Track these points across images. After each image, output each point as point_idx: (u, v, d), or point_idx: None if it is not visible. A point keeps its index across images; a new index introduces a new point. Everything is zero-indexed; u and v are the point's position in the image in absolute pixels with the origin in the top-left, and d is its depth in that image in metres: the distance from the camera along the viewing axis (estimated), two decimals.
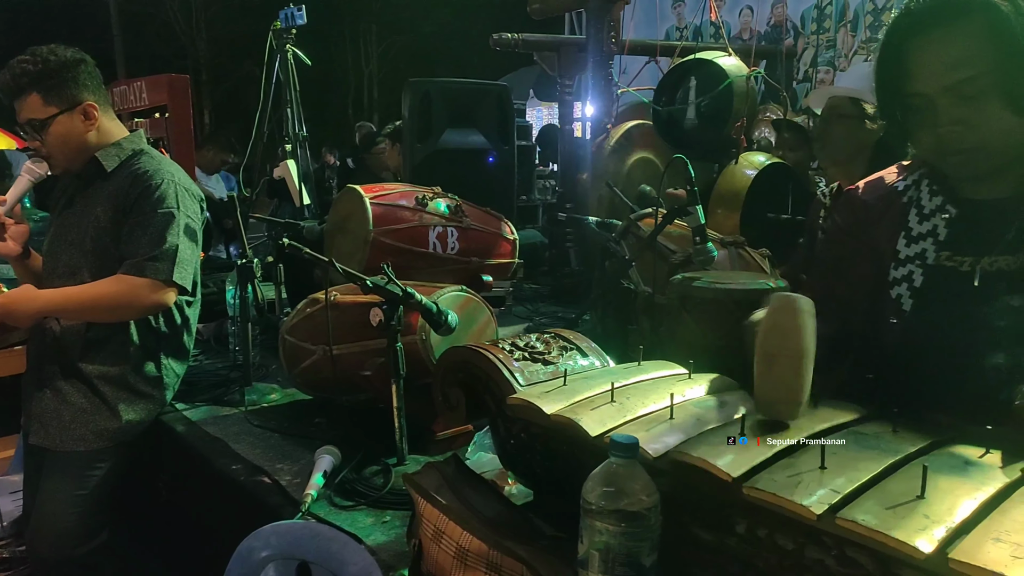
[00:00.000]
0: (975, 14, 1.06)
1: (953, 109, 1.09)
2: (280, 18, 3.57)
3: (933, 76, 1.10)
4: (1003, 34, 1.04)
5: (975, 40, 1.06)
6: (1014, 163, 1.15)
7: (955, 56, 1.08)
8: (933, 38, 1.10)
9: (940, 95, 1.10)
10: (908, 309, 1.22)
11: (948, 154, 1.14)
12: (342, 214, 2.65)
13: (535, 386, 1.23)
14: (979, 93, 1.07)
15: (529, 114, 9.94)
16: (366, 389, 1.92)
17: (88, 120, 2.06)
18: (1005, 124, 1.08)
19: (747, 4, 6.87)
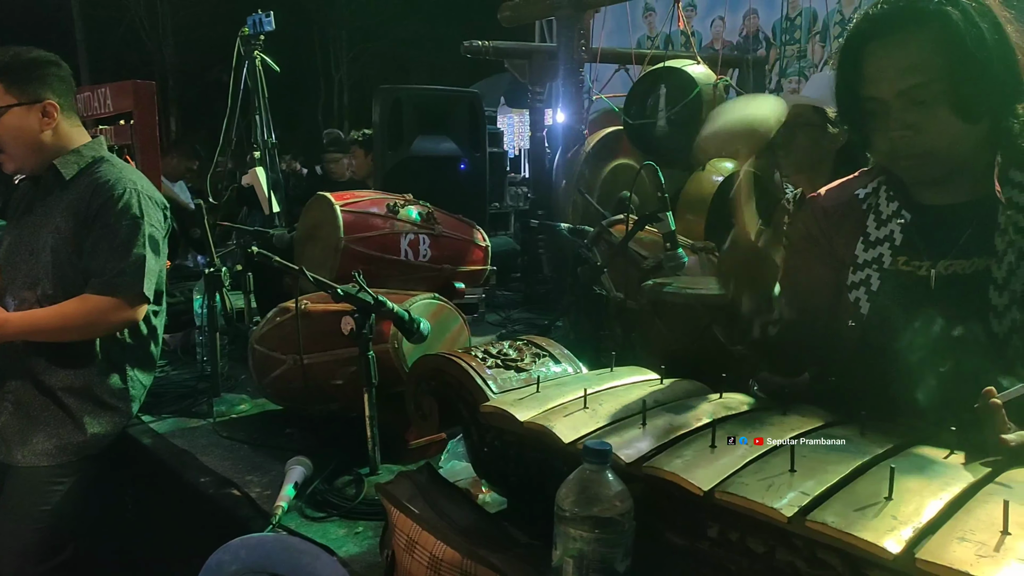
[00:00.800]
0: (929, 22, 1.09)
1: (905, 114, 1.12)
2: (248, 24, 3.53)
3: (887, 80, 1.13)
4: (953, 43, 1.07)
5: (928, 47, 1.10)
6: (966, 169, 1.18)
7: (908, 62, 1.11)
8: (889, 43, 1.13)
9: (894, 99, 1.13)
10: (866, 312, 1.24)
11: (900, 158, 1.17)
12: (312, 222, 2.63)
13: (508, 393, 1.23)
14: (930, 99, 1.10)
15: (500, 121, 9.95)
16: (338, 398, 1.90)
17: (46, 119, 2.02)
18: (954, 130, 1.11)
19: (719, 15, 6.97)
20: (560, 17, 4.47)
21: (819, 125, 2.30)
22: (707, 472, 0.90)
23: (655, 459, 0.96)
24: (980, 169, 1.17)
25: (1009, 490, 0.81)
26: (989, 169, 1.17)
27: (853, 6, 6.05)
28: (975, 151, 1.15)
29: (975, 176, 1.18)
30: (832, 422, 1.06)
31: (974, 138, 1.13)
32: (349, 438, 1.77)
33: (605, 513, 0.85)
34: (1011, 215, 1.13)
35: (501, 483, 1.26)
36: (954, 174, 1.18)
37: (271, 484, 1.66)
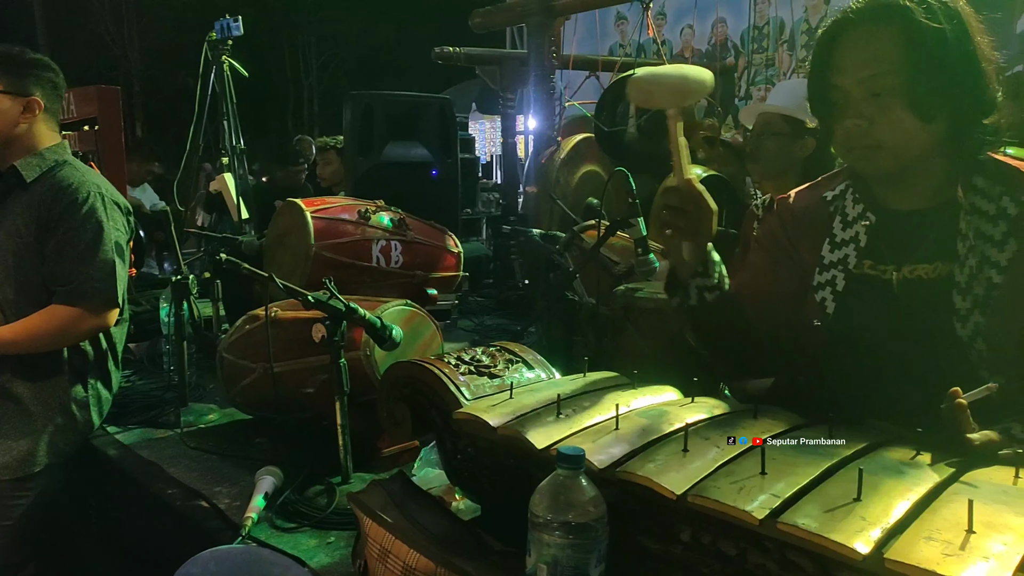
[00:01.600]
0: (895, 19, 1.13)
1: (862, 104, 1.16)
2: (216, 29, 3.50)
3: (850, 69, 1.17)
4: (914, 40, 1.11)
5: (892, 42, 1.13)
6: (928, 174, 1.20)
7: (871, 53, 1.15)
8: (857, 35, 1.17)
9: (853, 87, 1.17)
10: (831, 312, 1.26)
11: (852, 148, 1.20)
12: (282, 228, 2.60)
13: (481, 400, 1.22)
14: (886, 91, 1.14)
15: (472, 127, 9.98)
16: (309, 407, 1.88)
17: (27, 113, 2.02)
18: (907, 126, 1.14)
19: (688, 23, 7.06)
20: (530, 24, 4.49)
21: (787, 134, 2.34)
22: (679, 476, 0.90)
23: (628, 464, 0.96)
24: (943, 175, 1.20)
25: (974, 489, 0.83)
26: (952, 175, 1.19)
27: (819, 14, 6.17)
28: (933, 153, 1.18)
29: (938, 181, 1.20)
30: (801, 424, 1.07)
31: (928, 138, 1.15)
32: (320, 447, 1.75)
33: (579, 519, 0.85)
34: (972, 220, 1.15)
35: (475, 490, 1.25)
36: (915, 177, 1.21)
37: (240, 495, 1.64)
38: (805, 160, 2.35)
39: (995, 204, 1.15)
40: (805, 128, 2.32)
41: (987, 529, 0.74)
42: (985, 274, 1.13)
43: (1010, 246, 1.12)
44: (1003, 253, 1.12)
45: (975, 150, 1.19)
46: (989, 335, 1.11)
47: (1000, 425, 1.00)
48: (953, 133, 1.17)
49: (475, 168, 7.00)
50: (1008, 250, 1.12)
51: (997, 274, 1.12)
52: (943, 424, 0.96)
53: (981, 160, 1.19)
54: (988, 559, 0.69)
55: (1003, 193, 1.14)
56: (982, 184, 1.17)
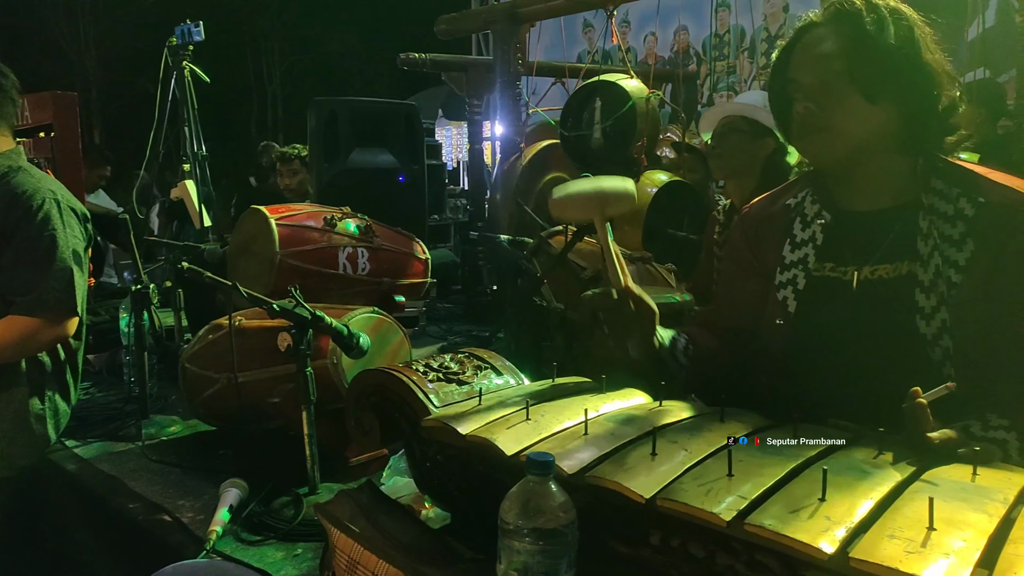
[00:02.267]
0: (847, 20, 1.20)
1: (812, 91, 1.22)
2: (176, 34, 3.45)
3: (804, 63, 1.25)
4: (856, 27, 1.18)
5: (842, 38, 1.20)
6: (882, 172, 1.23)
7: (822, 47, 1.23)
8: (813, 36, 1.25)
9: (806, 77, 1.24)
10: (793, 311, 1.29)
11: (804, 135, 1.26)
12: (246, 236, 2.57)
13: (450, 407, 1.22)
14: (832, 77, 1.20)
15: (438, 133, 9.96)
16: (275, 417, 1.86)
17: None
18: (856, 109, 1.19)
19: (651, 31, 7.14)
20: (496, 31, 4.50)
21: (747, 132, 2.42)
22: (649, 480, 0.91)
23: (597, 468, 0.96)
24: (900, 176, 1.23)
25: (934, 487, 0.85)
26: (909, 177, 1.23)
27: (778, 23, 6.31)
28: (886, 149, 1.22)
29: (895, 183, 1.24)
30: (767, 426, 1.08)
31: (875, 125, 1.20)
32: (287, 457, 1.73)
33: (549, 524, 0.85)
34: (932, 220, 1.18)
35: (444, 498, 1.25)
36: (871, 177, 1.25)
37: (204, 508, 1.61)
38: (764, 161, 2.41)
39: (953, 205, 1.18)
40: (764, 129, 2.39)
41: (947, 526, 0.75)
42: (945, 273, 1.16)
43: (968, 246, 1.15)
44: (961, 253, 1.15)
45: (932, 153, 1.22)
46: (954, 332, 1.14)
47: (959, 423, 1.02)
48: (905, 126, 1.20)
49: (442, 174, 6.99)
50: (966, 250, 1.15)
51: (956, 274, 1.15)
52: (905, 423, 0.98)
53: (938, 163, 1.22)
54: (949, 556, 0.71)
55: (960, 195, 1.18)
56: (940, 186, 1.20)
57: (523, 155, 4.18)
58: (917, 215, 1.20)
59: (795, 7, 6.26)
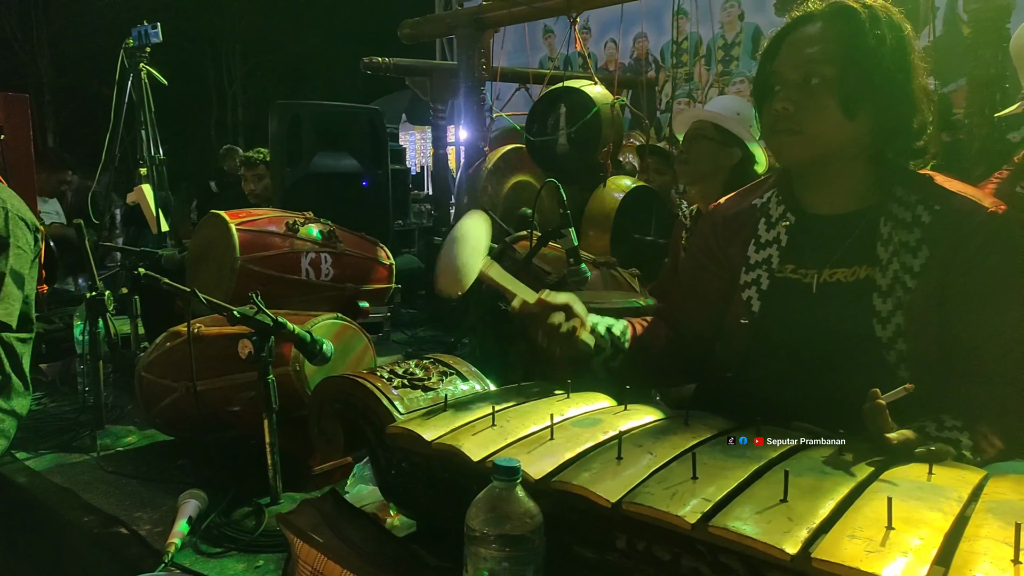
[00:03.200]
0: (844, 19, 1.21)
1: (794, 90, 1.23)
2: (133, 36, 3.37)
3: (792, 57, 1.24)
4: (856, 42, 1.18)
5: (835, 37, 1.21)
6: (847, 177, 1.25)
7: (814, 44, 1.22)
8: (806, 30, 1.25)
9: (790, 71, 1.24)
10: (757, 311, 1.31)
11: (776, 131, 1.26)
12: (205, 241, 2.52)
13: (415, 413, 1.21)
14: (817, 79, 1.20)
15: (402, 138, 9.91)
16: (235, 426, 1.83)
17: None
18: (830, 117, 1.20)
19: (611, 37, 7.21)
20: (460, 36, 4.50)
21: (716, 139, 2.45)
22: (614, 484, 0.91)
23: (564, 473, 0.96)
24: (864, 182, 1.25)
25: (893, 487, 0.86)
26: (872, 183, 1.25)
27: (735, 31, 6.41)
28: (853, 157, 1.24)
29: (859, 188, 1.26)
30: (730, 428, 1.09)
31: (848, 135, 1.22)
32: (248, 467, 1.70)
33: (515, 530, 0.85)
34: (892, 226, 1.21)
35: (410, 506, 1.24)
36: (836, 181, 1.27)
37: (162, 520, 1.58)
38: (730, 170, 2.44)
39: (911, 212, 1.21)
40: (733, 138, 2.41)
41: (905, 525, 0.77)
42: (901, 278, 1.18)
43: (923, 252, 1.18)
44: (916, 259, 1.18)
45: (897, 162, 1.24)
46: (909, 336, 1.16)
47: (916, 424, 1.05)
48: (875, 141, 1.22)
49: (406, 179, 6.94)
50: (921, 256, 1.18)
51: (911, 279, 1.18)
52: (864, 424, 0.99)
53: (900, 170, 1.24)
54: (907, 554, 0.72)
55: (918, 202, 1.21)
56: (900, 193, 1.23)
57: (487, 159, 4.18)
58: (878, 220, 1.23)
59: (751, 15, 6.38)
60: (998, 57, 2.42)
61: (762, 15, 6.31)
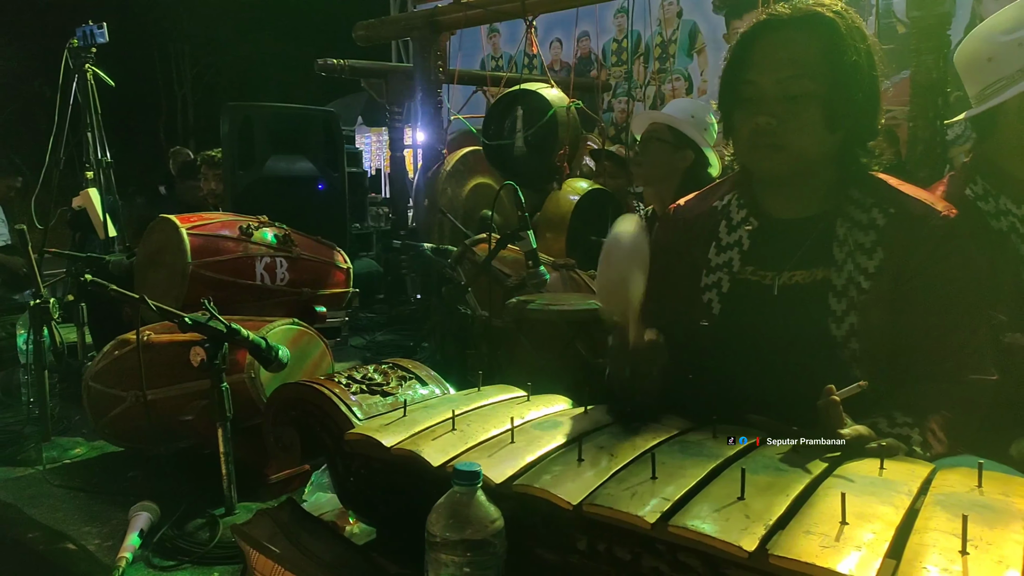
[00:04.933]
0: (821, 28, 1.20)
1: (776, 103, 1.21)
2: (77, 36, 3.27)
3: (769, 67, 1.22)
4: (838, 52, 1.18)
5: (814, 48, 1.20)
6: (811, 183, 1.28)
7: (793, 54, 1.21)
8: (781, 37, 1.22)
9: (770, 85, 1.21)
10: (717, 313, 1.33)
11: (756, 146, 1.24)
12: (155, 246, 2.46)
13: (374, 419, 1.20)
14: (802, 95, 1.19)
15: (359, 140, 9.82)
16: (187, 435, 1.79)
17: None
18: (813, 133, 1.21)
19: (556, 36, 7.24)
20: (415, 38, 4.48)
21: (670, 142, 2.48)
22: (575, 486, 0.91)
23: (525, 476, 0.96)
24: (825, 187, 1.28)
25: (846, 482, 0.88)
26: (830, 186, 1.28)
27: (672, 28, 6.50)
28: (821, 166, 1.26)
29: (818, 192, 1.28)
30: (688, 428, 1.11)
31: (825, 149, 1.23)
32: (201, 478, 1.67)
33: (477, 535, 0.84)
34: (849, 228, 1.24)
35: (369, 513, 1.22)
36: (800, 187, 1.28)
37: (112, 534, 1.54)
38: (684, 172, 2.47)
39: (867, 214, 1.24)
40: (687, 140, 2.45)
41: (859, 520, 0.79)
42: (856, 279, 1.21)
43: (878, 254, 1.21)
44: (871, 260, 1.21)
45: (857, 165, 1.27)
46: (862, 335, 1.19)
47: (869, 420, 1.07)
48: (845, 150, 1.24)
49: (363, 182, 6.89)
50: (876, 258, 1.21)
51: (865, 280, 1.21)
52: (819, 420, 1.02)
53: (856, 173, 1.27)
54: (860, 548, 0.74)
55: (873, 205, 1.24)
56: (856, 195, 1.25)
57: (446, 162, 4.17)
58: (835, 223, 1.25)
59: (688, 12, 6.46)
60: (939, 63, 2.50)
61: (699, 12, 6.40)
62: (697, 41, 6.44)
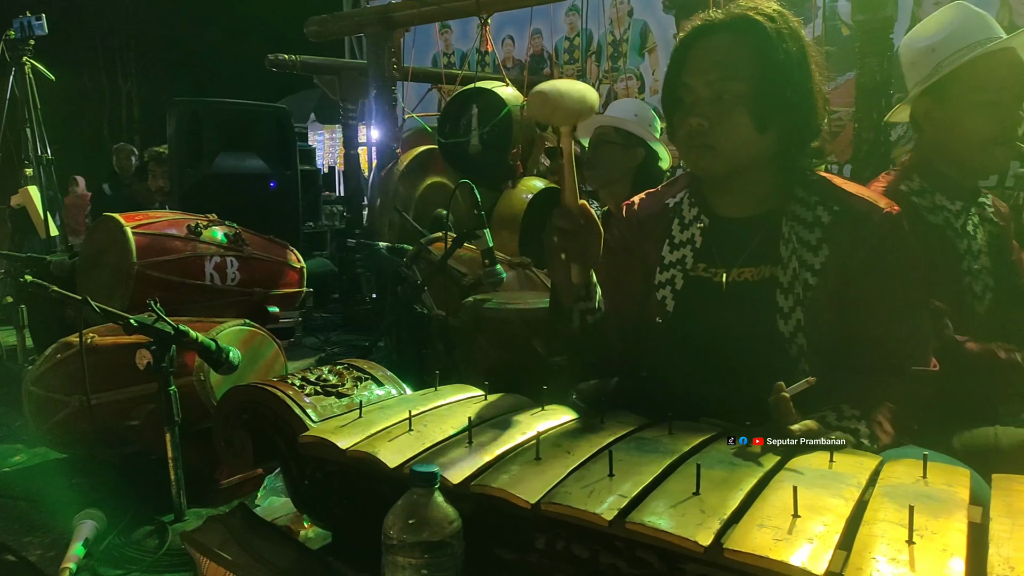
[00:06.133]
0: (751, 33, 1.23)
1: (708, 105, 1.24)
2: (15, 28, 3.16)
3: (701, 70, 1.25)
4: (765, 54, 1.21)
5: (742, 52, 1.23)
6: (755, 183, 1.30)
7: (724, 58, 1.24)
8: (714, 41, 1.26)
9: (702, 88, 1.25)
10: (671, 311, 1.34)
11: (691, 147, 1.28)
12: (98, 246, 2.39)
13: (329, 421, 1.18)
14: (730, 97, 1.23)
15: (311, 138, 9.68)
16: (134, 441, 1.74)
17: None
18: (743, 134, 1.24)
19: (508, 34, 7.25)
20: (369, 34, 4.43)
21: (619, 143, 2.51)
22: (534, 485, 0.91)
23: (483, 476, 0.96)
24: (770, 186, 1.31)
25: (798, 476, 0.90)
26: (777, 185, 1.30)
27: (623, 27, 6.56)
28: (762, 166, 1.28)
29: (766, 192, 1.31)
30: (644, 425, 1.12)
31: (759, 149, 1.26)
32: (149, 484, 1.62)
33: (435, 537, 0.84)
34: (793, 226, 1.26)
35: (324, 517, 1.20)
36: (745, 187, 1.31)
37: (56, 544, 1.49)
38: (636, 169, 2.50)
39: (812, 212, 1.27)
40: (636, 139, 2.48)
41: (810, 512, 0.80)
42: (802, 276, 1.24)
43: (823, 251, 1.24)
44: (817, 257, 1.24)
45: (799, 165, 1.30)
46: (808, 331, 1.22)
47: (818, 414, 1.10)
48: (783, 150, 1.27)
49: (317, 180, 6.79)
50: (821, 255, 1.24)
51: (812, 276, 1.24)
52: (769, 415, 1.03)
53: (801, 172, 1.30)
54: (812, 540, 0.76)
55: (818, 203, 1.27)
56: (801, 194, 1.28)
57: (400, 161, 4.13)
58: (781, 221, 1.28)
59: (639, 12, 6.53)
60: (883, 65, 2.57)
61: (650, 12, 6.47)
62: (648, 40, 6.50)
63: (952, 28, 1.58)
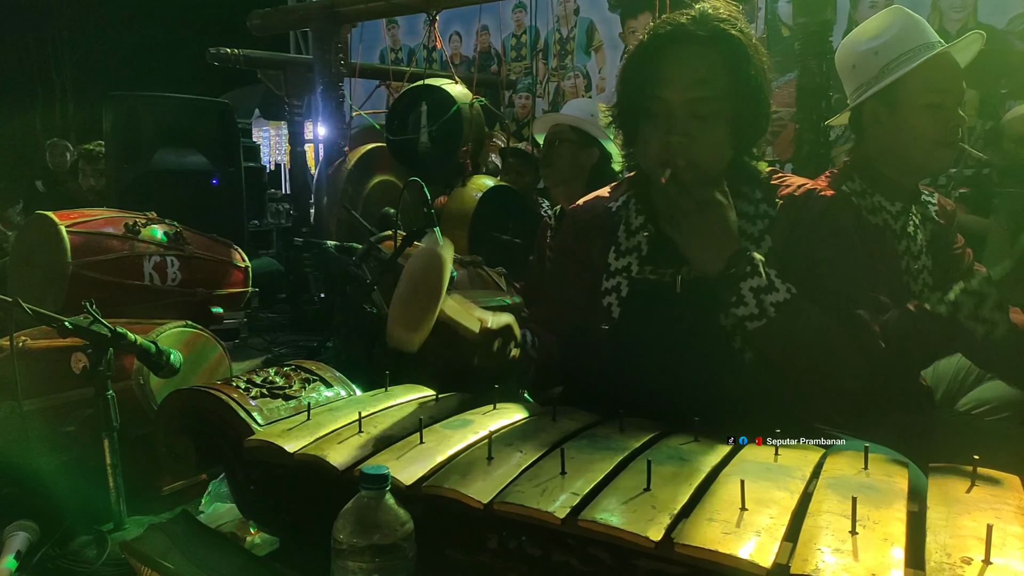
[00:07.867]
0: (725, 44, 1.22)
1: (687, 122, 1.23)
2: None
3: (679, 86, 1.23)
4: (741, 69, 1.21)
5: (720, 67, 1.22)
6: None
7: (701, 74, 1.23)
8: (688, 52, 1.23)
9: (680, 105, 1.23)
10: (617, 316, 1.35)
11: (669, 164, 1.24)
12: (30, 245, 2.30)
13: (276, 424, 1.15)
14: (711, 115, 1.22)
15: (256, 134, 9.50)
16: (69, 447, 1.67)
17: None
18: (721, 148, 1.25)
19: (455, 30, 7.23)
20: (315, 29, 4.36)
21: (576, 142, 2.53)
22: (486, 485, 0.91)
23: (435, 477, 0.95)
24: None
25: (745, 469, 0.92)
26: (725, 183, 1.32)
27: (570, 25, 6.62)
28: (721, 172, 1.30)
29: None
30: (596, 422, 1.12)
31: (728, 158, 1.27)
32: (86, 492, 1.56)
33: (385, 539, 0.83)
34: (739, 221, 1.28)
35: (272, 522, 1.18)
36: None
37: None
38: (591, 169, 2.52)
39: (755, 207, 1.29)
40: (591, 139, 2.50)
41: (757, 505, 0.82)
42: None
43: (766, 242, 1.27)
44: (760, 248, 1.26)
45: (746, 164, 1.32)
46: None
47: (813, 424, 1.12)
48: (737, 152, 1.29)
49: (262, 177, 6.66)
50: (764, 246, 1.27)
51: None
52: (718, 408, 1.05)
53: (744, 169, 1.32)
54: (759, 533, 0.77)
55: (762, 199, 1.30)
56: (746, 190, 1.31)
57: (348, 159, 4.08)
58: None
59: (585, 10, 6.59)
60: (823, 67, 2.65)
61: (596, 10, 6.53)
62: (594, 39, 6.56)
63: (894, 31, 1.62)
